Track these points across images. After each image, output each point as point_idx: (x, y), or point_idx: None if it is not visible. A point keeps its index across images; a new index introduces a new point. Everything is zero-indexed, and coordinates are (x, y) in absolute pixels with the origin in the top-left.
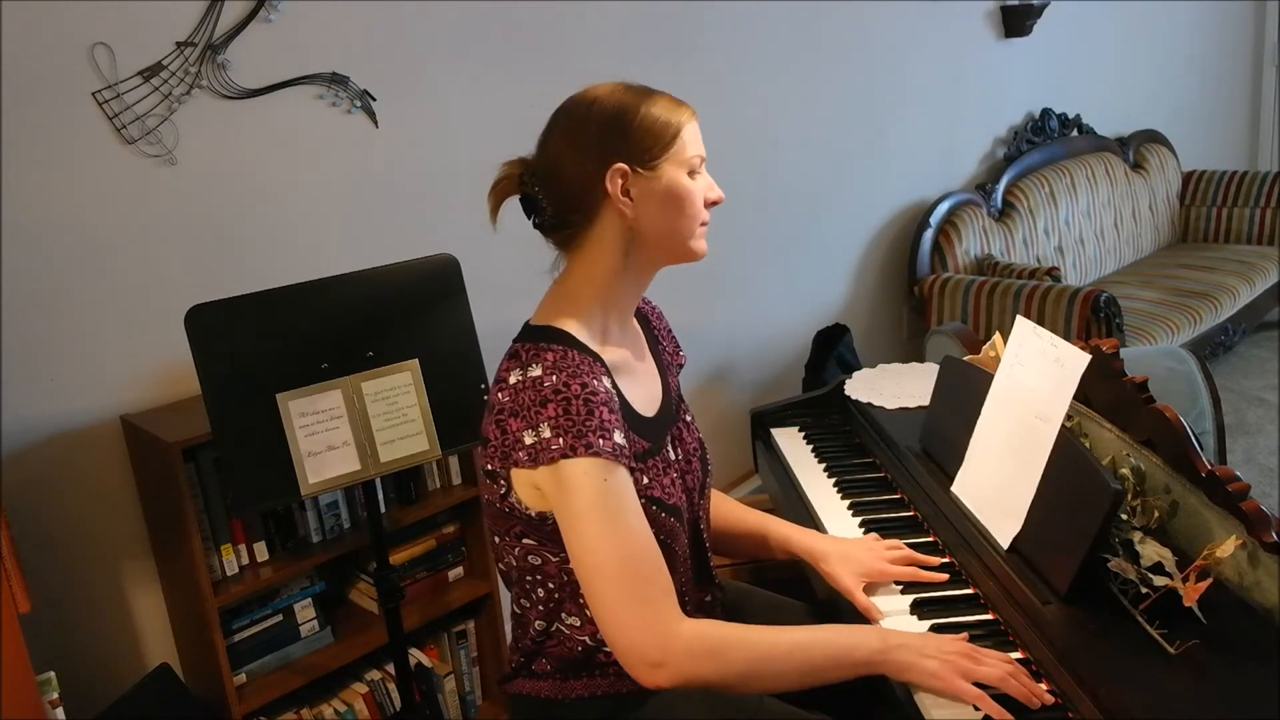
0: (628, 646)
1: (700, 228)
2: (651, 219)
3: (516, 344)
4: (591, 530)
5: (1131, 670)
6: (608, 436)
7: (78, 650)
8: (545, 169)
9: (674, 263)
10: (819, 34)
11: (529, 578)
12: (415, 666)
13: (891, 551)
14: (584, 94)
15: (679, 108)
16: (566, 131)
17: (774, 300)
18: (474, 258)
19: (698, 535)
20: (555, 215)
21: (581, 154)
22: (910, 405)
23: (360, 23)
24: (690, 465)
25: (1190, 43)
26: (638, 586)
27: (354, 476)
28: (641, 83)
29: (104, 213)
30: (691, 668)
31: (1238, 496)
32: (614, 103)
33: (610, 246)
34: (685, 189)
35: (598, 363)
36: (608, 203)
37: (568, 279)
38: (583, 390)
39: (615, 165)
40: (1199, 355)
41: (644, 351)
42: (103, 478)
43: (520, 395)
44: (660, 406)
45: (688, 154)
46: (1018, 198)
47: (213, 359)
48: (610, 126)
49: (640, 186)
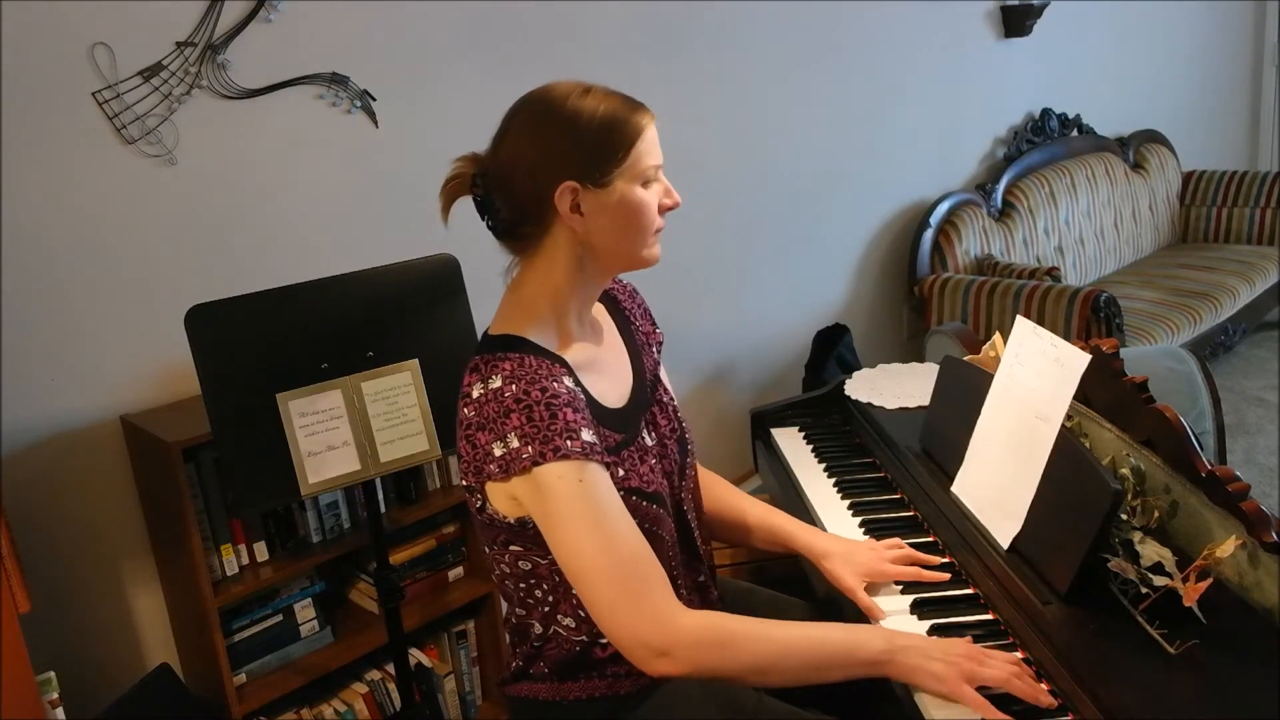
0: (631, 640)
1: (654, 235)
2: (603, 233)
3: (476, 356)
4: (575, 533)
5: (1131, 670)
6: (575, 437)
7: (78, 650)
8: (498, 174)
9: (628, 270)
10: (819, 34)
11: (523, 583)
12: (415, 666)
13: (893, 551)
14: (541, 95)
15: (635, 114)
16: (519, 135)
17: (774, 300)
18: (474, 258)
19: (682, 516)
20: (508, 223)
21: (532, 166)
22: (910, 405)
23: (360, 23)
24: (666, 449)
25: (1190, 43)
26: (631, 582)
27: (354, 476)
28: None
29: (104, 213)
30: (698, 656)
31: (1238, 496)
32: (567, 113)
33: (563, 258)
34: (637, 202)
35: (557, 364)
36: (559, 217)
37: (522, 286)
38: (543, 395)
39: (565, 184)
40: (1199, 355)
41: (608, 338)
42: (103, 478)
43: (484, 408)
44: (632, 394)
45: (642, 165)
46: (1018, 198)
47: (213, 359)
48: (562, 141)
49: (591, 202)
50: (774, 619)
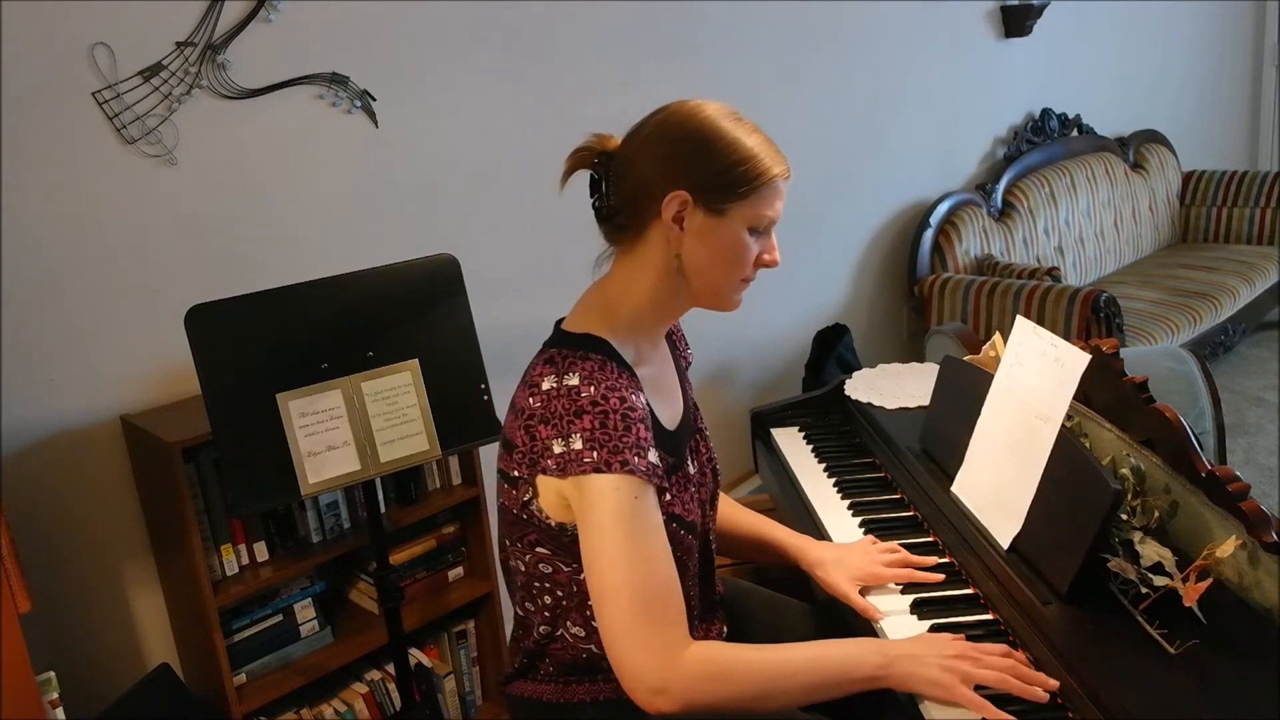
0: (633, 671)
1: (741, 282)
2: (695, 256)
3: (552, 349)
4: (614, 549)
5: (1131, 670)
6: (643, 455)
7: (78, 650)
8: (620, 159)
9: (705, 306)
10: (819, 34)
11: (536, 584)
12: (415, 666)
13: (886, 555)
14: (692, 105)
15: (775, 160)
16: (654, 133)
17: (774, 300)
18: (474, 258)
19: (706, 546)
20: (611, 207)
21: (656, 161)
22: (910, 405)
23: (360, 23)
24: (704, 477)
25: (1190, 43)
26: (653, 611)
27: (354, 476)
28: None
29: (104, 213)
30: (694, 692)
31: (1238, 496)
32: (712, 129)
33: (653, 268)
34: (738, 243)
35: (634, 378)
36: (659, 222)
37: (608, 284)
38: (621, 405)
39: (677, 191)
40: (1199, 355)
41: (670, 363)
42: (103, 478)
43: (553, 402)
44: (682, 418)
45: (760, 210)
46: (1018, 198)
47: (213, 359)
48: (696, 147)
49: (697, 221)
50: (773, 621)
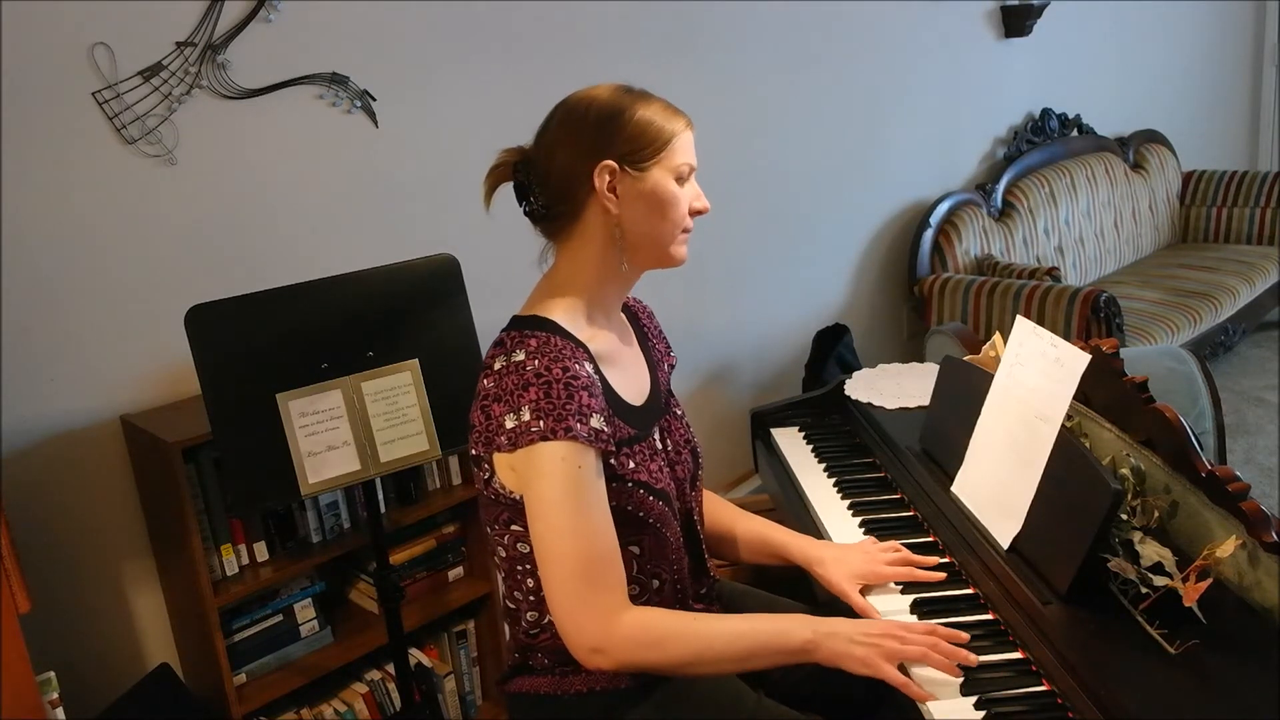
0: (574, 630)
1: (682, 234)
2: (635, 219)
3: (502, 333)
4: (560, 516)
5: (1131, 670)
6: (584, 421)
7: (78, 650)
8: (539, 159)
9: (654, 266)
10: (819, 34)
11: (519, 567)
12: (415, 666)
13: (887, 554)
14: (585, 92)
15: (675, 116)
16: (563, 125)
17: (774, 300)
18: (474, 258)
19: (691, 526)
20: (544, 205)
21: (574, 148)
22: (910, 405)
23: (360, 23)
24: (680, 455)
25: (1190, 43)
26: (593, 576)
27: (354, 476)
28: (641, 85)
29: (104, 213)
30: (630, 655)
31: (1238, 496)
32: (612, 102)
33: (595, 242)
34: (670, 193)
35: (580, 348)
36: (594, 198)
37: (554, 273)
38: (564, 374)
39: (604, 162)
40: (1199, 355)
41: (631, 341)
42: (103, 478)
43: (504, 380)
44: (649, 398)
45: (677, 161)
46: (1018, 198)
47: (213, 359)
48: (605, 124)
49: (627, 186)
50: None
